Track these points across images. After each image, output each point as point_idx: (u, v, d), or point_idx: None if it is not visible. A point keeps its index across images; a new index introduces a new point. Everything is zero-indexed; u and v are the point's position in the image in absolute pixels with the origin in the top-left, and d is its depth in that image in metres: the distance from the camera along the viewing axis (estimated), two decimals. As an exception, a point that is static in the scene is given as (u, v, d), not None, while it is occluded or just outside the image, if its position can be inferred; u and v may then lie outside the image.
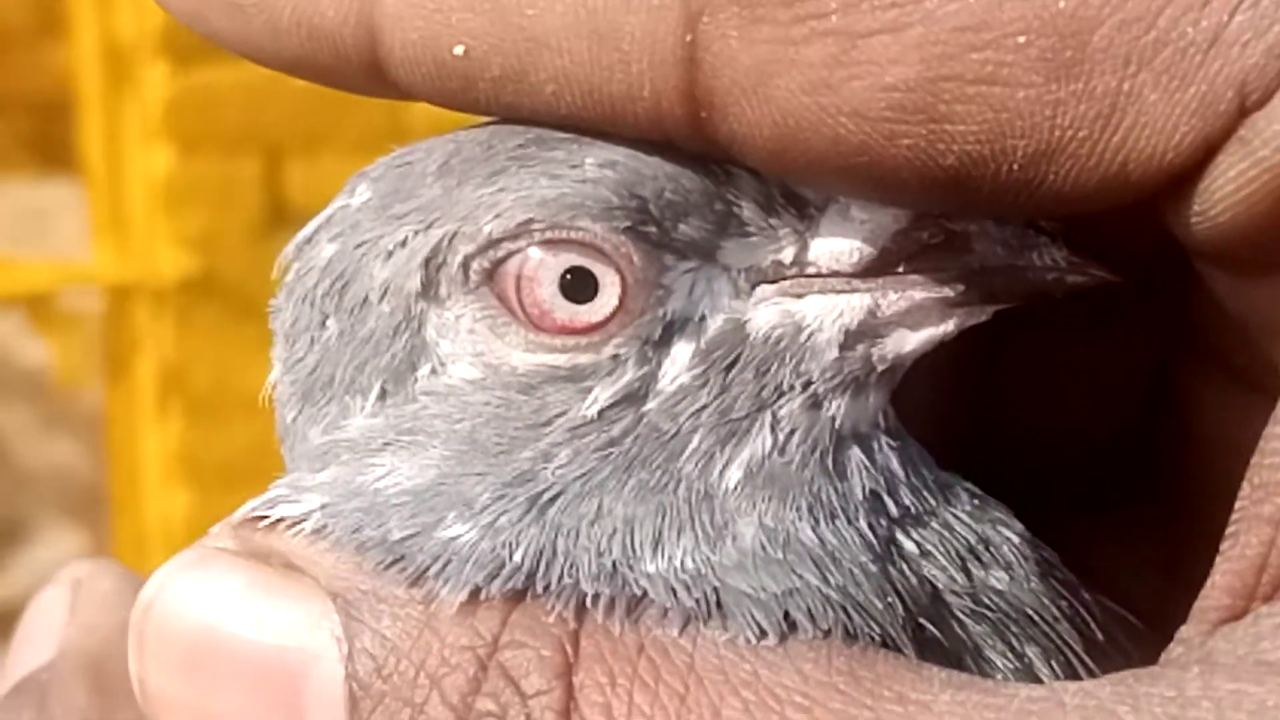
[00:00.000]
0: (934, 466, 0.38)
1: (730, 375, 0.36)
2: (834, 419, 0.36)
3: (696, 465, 0.35)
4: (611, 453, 0.35)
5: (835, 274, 0.36)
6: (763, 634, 0.33)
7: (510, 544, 0.35)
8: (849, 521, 0.36)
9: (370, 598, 0.34)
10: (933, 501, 0.37)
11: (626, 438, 0.35)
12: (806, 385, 0.36)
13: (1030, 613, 0.36)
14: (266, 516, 0.36)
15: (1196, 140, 0.32)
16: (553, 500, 0.35)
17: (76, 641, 0.42)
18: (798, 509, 0.35)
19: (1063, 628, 0.37)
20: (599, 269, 0.35)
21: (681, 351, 0.36)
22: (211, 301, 2.05)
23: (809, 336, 0.36)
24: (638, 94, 0.34)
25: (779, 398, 0.36)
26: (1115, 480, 0.43)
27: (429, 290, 0.36)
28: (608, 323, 0.36)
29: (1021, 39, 0.32)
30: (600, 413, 0.35)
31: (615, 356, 0.35)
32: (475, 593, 0.34)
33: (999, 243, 0.35)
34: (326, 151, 2.04)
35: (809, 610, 0.34)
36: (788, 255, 0.36)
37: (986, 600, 0.36)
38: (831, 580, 0.35)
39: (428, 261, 0.36)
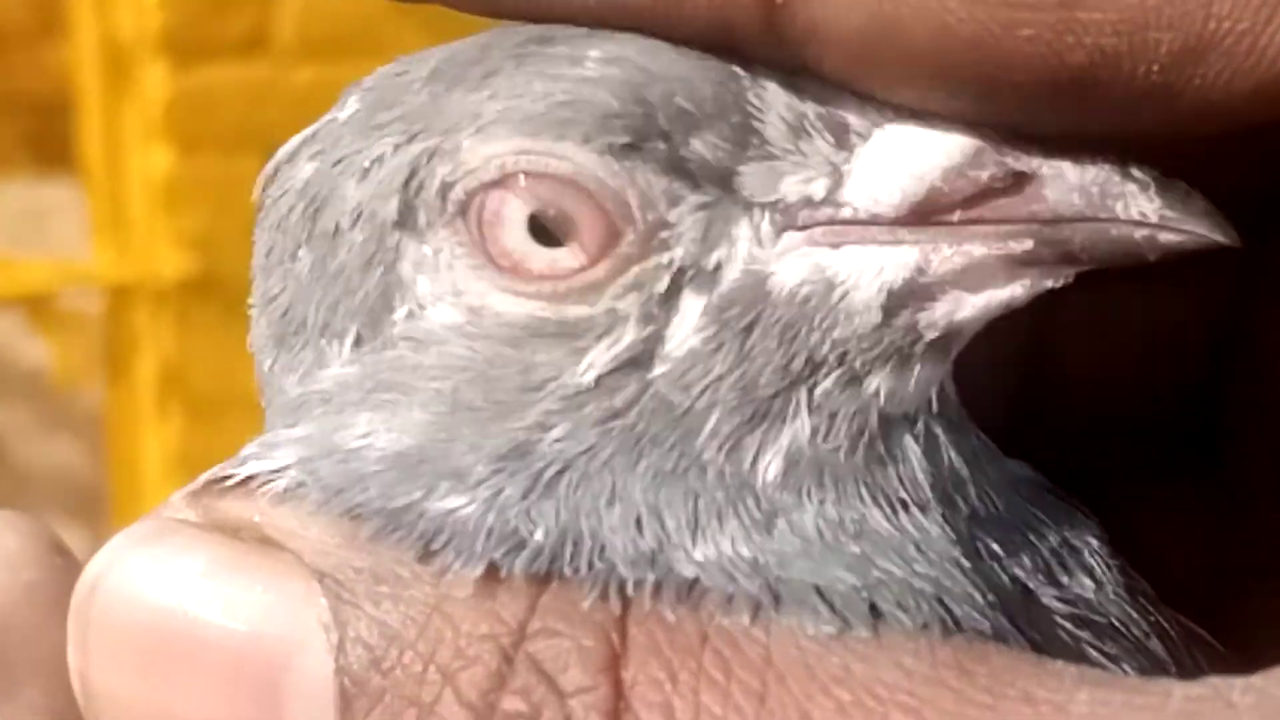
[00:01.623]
0: (999, 457, 0.33)
1: (749, 340, 0.30)
2: (877, 397, 0.30)
3: (722, 451, 0.30)
4: (613, 426, 0.30)
5: (876, 220, 0.30)
6: (847, 625, 0.28)
7: (525, 520, 0.29)
8: (923, 511, 0.31)
9: (365, 577, 0.29)
10: (1002, 501, 0.32)
11: (631, 409, 0.30)
12: (842, 358, 0.30)
13: (1118, 625, 0.32)
14: (232, 476, 0.31)
15: None
16: (559, 475, 0.30)
17: None
18: (861, 498, 0.30)
19: (1154, 644, 0.32)
20: (573, 202, 0.30)
21: (691, 307, 0.30)
22: (211, 301, 2.05)
23: (843, 297, 0.30)
24: None
25: (811, 373, 0.30)
26: (1171, 449, 0.39)
27: (407, 219, 0.31)
28: (595, 265, 0.30)
29: None
30: (598, 379, 0.30)
31: (612, 311, 0.30)
32: (493, 571, 0.29)
33: (1076, 189, 0.29)
34: (326, 151, 2.03)
35: (898, 602, 0.29)
36: (819, 189, 0.30)
37: (1080, 608, 0.31)
38: (920, 570, 0.30)
39: (406, 184, 0.31)
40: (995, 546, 0.31)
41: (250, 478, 0.31)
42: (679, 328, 0.30)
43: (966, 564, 0.30)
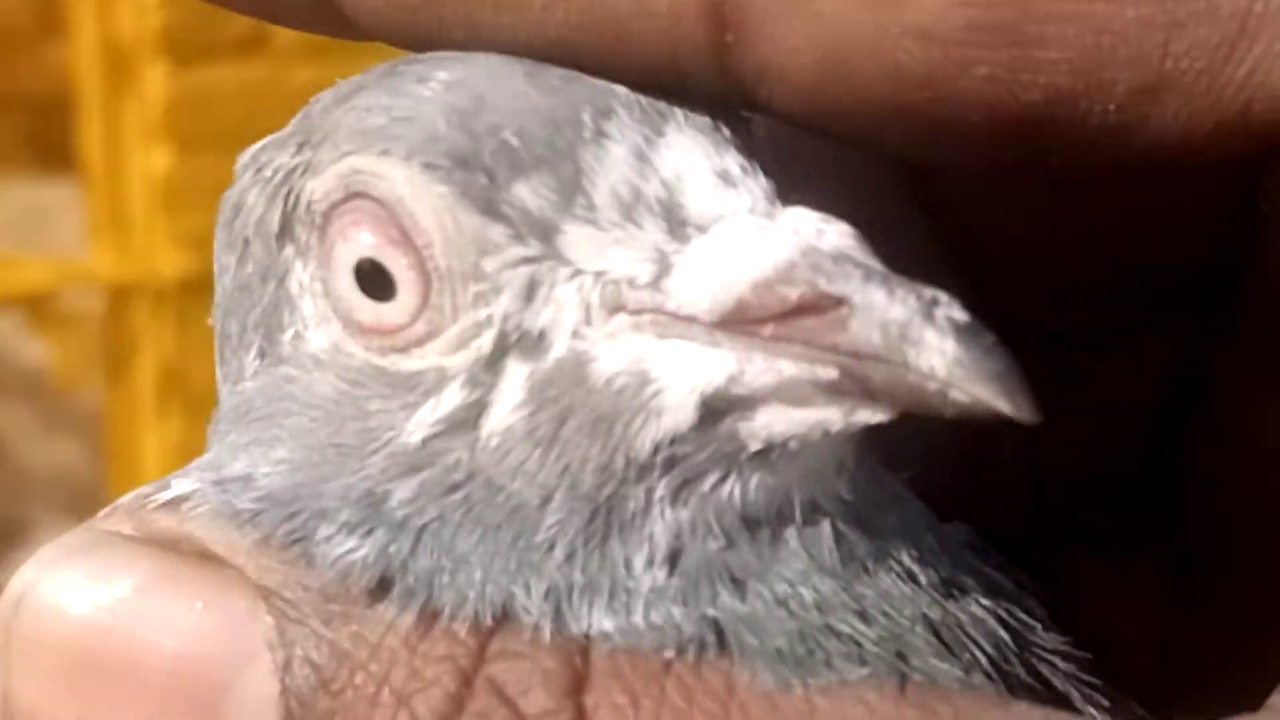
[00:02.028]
0: (937, 525, 0.31)
1: (564, 429, 0.28)
2: (727, 500, 0.29)
3: (585, 552, 0.29)
4: (449, 502, 0.29)
5: (695, 320, 0.28)
6: (794, 671, 0.28)
7: (449, 567, 0.29)
8: (862, 574, 0.29)
9: (314, 595, 0.28)
10: (944, 567, 0.30)
11: (463, 487, 0.29)
12: (669, 463, 0.28)
13: (1055, 689, 0.31)
14: (157, 496, 0.30)
15: None
16: (420, 540, 0.29)
17: None
18: (784, 578, 0.29)
19: (1087, 711, 0.31)
20: (390, 258, 0.29)
21: (515, 377, 0.29)
22: (210, 301, 2.04)
23: (656, 394, 0.28)
24: (651, 7, 0.28)
25: (640, 475, 0.28)
26: (1118, 518, 0.37)
27: (288, 230, 0.31)
28: (413, 323, 0.29)
29: None
30: (424, 441, 0.29)
31: (440, 369, 0.29)
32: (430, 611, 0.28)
33: (878, 326, 0.27)
34: (326, 151, 2.03)
35: (851, 656, 0.28)
36: (643, 273, 0.28)
37: (1017, 668, 0.30)
38: (875, 627, 0.29)
39: (285, 196, 0.31)
40: (938, 610, 0.30)
41: (175, 499, 0.30)
42: (503, 396, 0.29)
43: (921, 617, 0.29)
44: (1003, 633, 0.30)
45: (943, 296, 0.27)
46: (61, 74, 2.25)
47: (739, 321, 0.28)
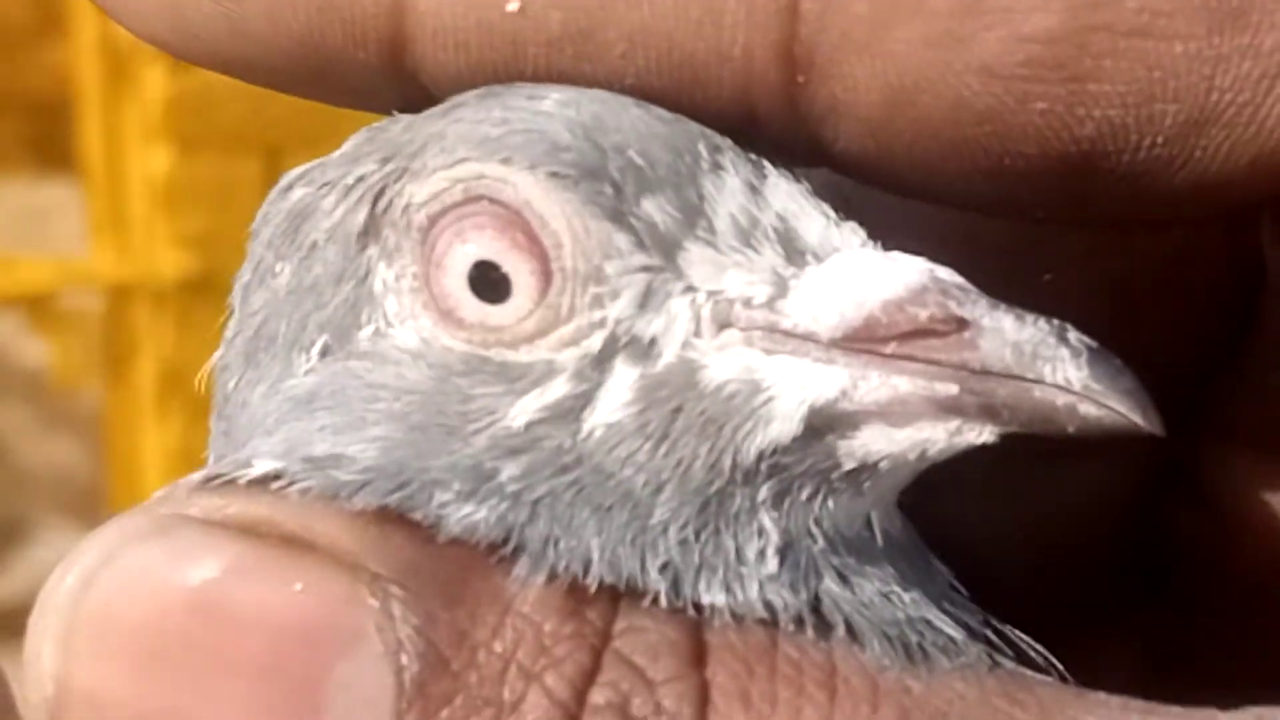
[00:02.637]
0: (949, 599, 0.32)
1: (674, 426, 0.30)
2: (817, 516, 0.31)
3: (700, 539, 0.30)
4: (560, 483, 0.30)
5: (811, 337, 0.30)
6: (895, 656, 0.29)
7: (565, 536, 0.30)
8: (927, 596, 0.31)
9: (423, 576, 0.28)
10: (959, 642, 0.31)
11: (573, 470, 0.30)
12: (772, 470, 0.30)
13: None
14: (223, 475, 0.30)
15: None
16: (536, 510, 0.30)
17: None
18: (881, 579, 0.31)
19: None
20: (512, 262, 0.31)
21: (623, 377, 0.30)
22: (211, 301, 2.04)
23: (766, 402, 0.30)
24: (727, 52, 0.29)
25: (745, 480, 0.30)
26: (1111, 589, 0.39)
27: (374, 233, 0.32)
28: (523, 322, 0.30)
29: None
30: (528, 425, 0.30)
31: (549, 362, 0.30)
32: (555, 578, 0.29)
33: (1010, 345, 0.29)
34: (326, 151, 2.03)
35: (942, 646, 0.30)
36: (760, 294, 0.30)
37: None
38: (953, 632, 0.30)
39: (375, 200, 0.32)
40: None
41: (253, 480, 0.30)
42: (610, 394, 0.30)
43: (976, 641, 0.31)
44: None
45: (1067, 324, 0.29)
46: (61, 74, 2.25)
47: (863, 340, 0.30)
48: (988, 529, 0.36)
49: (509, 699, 0.27)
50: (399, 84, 0.31)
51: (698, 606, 0.29)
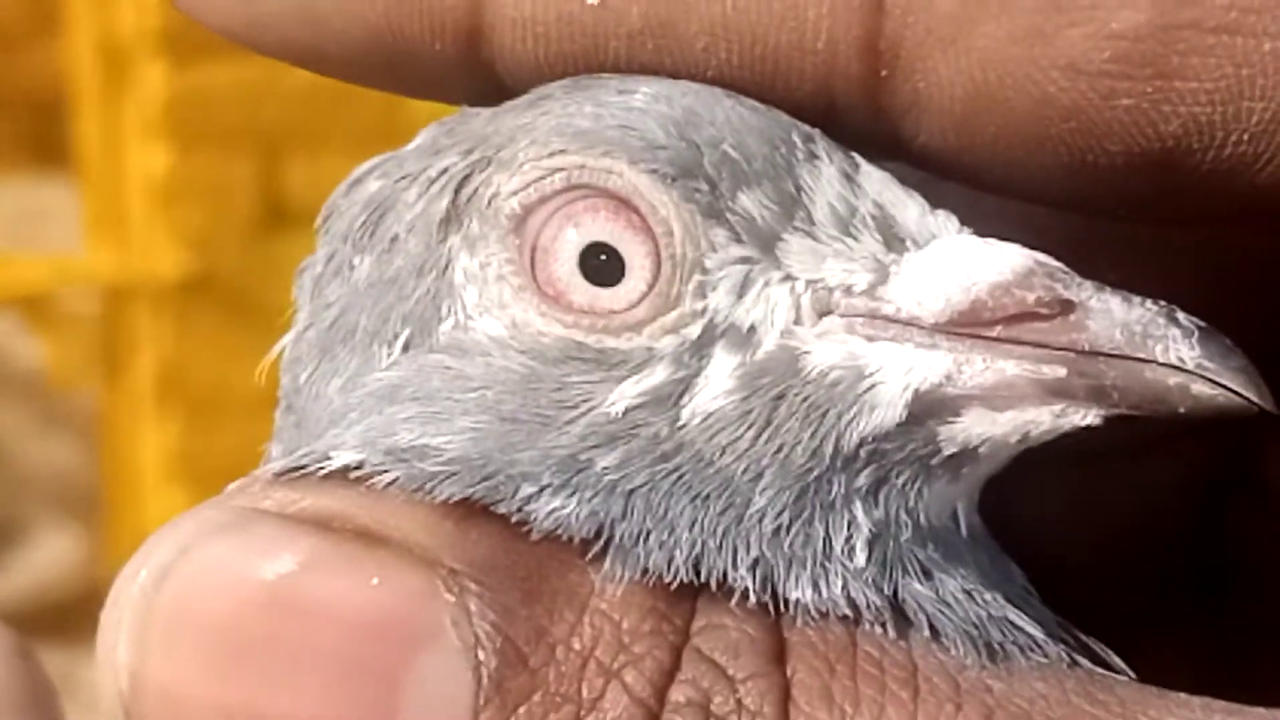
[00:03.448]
0: (1026, 598, 0.32)
1: (776, 412, 0.30)
2: (911, 503, 0.31)
3: (788, 529, 0.30)
4: (660, 470, 0.30)
5: (914, 322, 0.30)
6: (975, 655, 0.29)
7: (657, 529, 0.29)
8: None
9: (499, 572, 0.28)
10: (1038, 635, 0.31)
11: (676, 455, 0.30)
12: (870, 456, 0.30)
13: None
14: (302, 468, 0.30)
15: None
16: (630, 499, 0.30)
17: None
18: (965, 575, 0.31)
19: None
20: (626, 244, 0.31)
21: (723, 364, 0.31)
22: (209, 301, 2.04)
23: (870, 388, 0.30)
24: (810, 46, 0.30)
25: (844, 465, 0.30)
26: (1164, 585, 0.39)
27: (456, 222, 0.32)
28: (634, 308, 0.31)
29: None
30: (626, 411, 0.30)
31: (648, 349, 0.30)
32: (642, 575, 0.29)
33: (1120, 325, 0.29)
34: (325, 150, 2.03)
35: (1022, 646, 0.30)
36: (860, 282, 0.30)
37: None
38: (1033, 631, 0.30)
39: (459, 189, 0.32)
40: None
41: (333, 471, 0.30)
42: (709, 381, 0.30)
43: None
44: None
45: (1174, 306, 0.29)
46: (59, 73, 2.24)
47: (969, 324, 0.30)
48: (1048, 530, 0.35)
49: (588, 696, 0.27)
50: (474, 76, 0.31)
51: (779, 604, 0.29)
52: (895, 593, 0.30)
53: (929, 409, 0.30)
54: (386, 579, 0.27)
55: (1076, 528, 0.37)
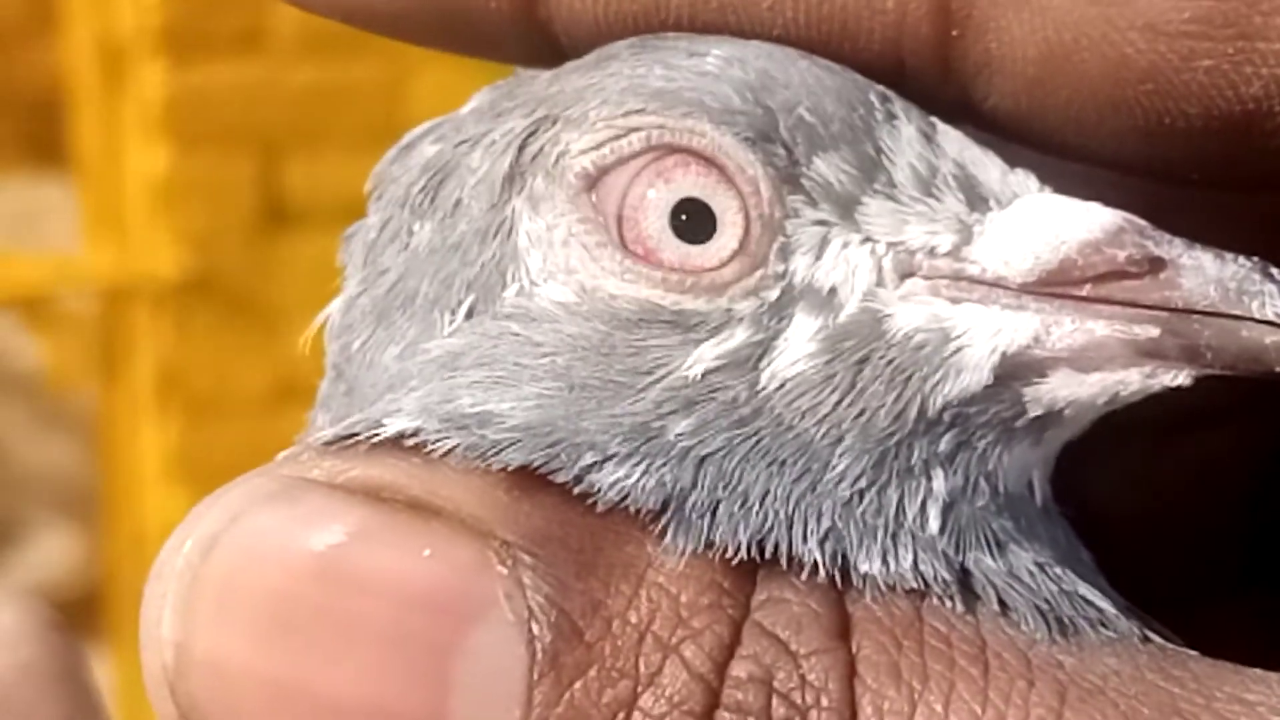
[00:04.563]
0: (1093, 573, 0.32)
1: (860, 375, 0.29)
2: (992, 466, 0.30)
3: (864, 494, 0.29)
4: (737, 435, 0.29)
5: (1001, 283, 0.29)
6: (1045, 630, 0.29)
7: (728, 499, 0.29)
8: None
9: (554, 544, 0.27)
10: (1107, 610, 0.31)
11: (755, 420, 0.29)
12: (954, 420, 0.30)
13: None
14: (355, 435, 0.29)
15: None
16: (702, 467, 0.29)
17: None
18: (1035, 549, 0.30)
19: None
20: (719, 200, 0.30)
21: (803, 327, 0.30)
22: (208, 300, 2.04)
23: (956, 351, 0.29)
24: (880, 4, 0.29)
25: (927, 429, 0.29)
26: (1229, 558, 0.38)
27: (519, 181, 0.31)
28: (723, 267, 0.30)
29: None
30: (704, 374, 0.29)
31: (727, 311, 0.30)
32: (705, 547, 0.28)
33: (1214, 281, 0.28)
34: (324, 149, 2.03)
35: (1093, 621, 0.29)
36: (944, 243, 0.30)
37: None
38: (1114, 602, 0.30)
39: (523, 146, 0.31)
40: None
41: (385, 440, 0.29)
42: (790, 343, 0.30)
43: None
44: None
45: (1267, 261, 0.28)
46: (58, 72, 2.24)
47: (1057, 284, 0.29)
48: (1106, 504, 0.35)
49: (645, 671, 0.26)
50: (529, 35, 0.30)
51: (844, 578, 0.28)
52: (964, 567, 0.29)
53: (1015, 371, 0.29)
54: (438, 551, 0.26)
55: (1130, 501, 0.36)
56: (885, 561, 0.29)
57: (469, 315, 0.31)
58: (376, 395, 0.31)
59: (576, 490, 0.28)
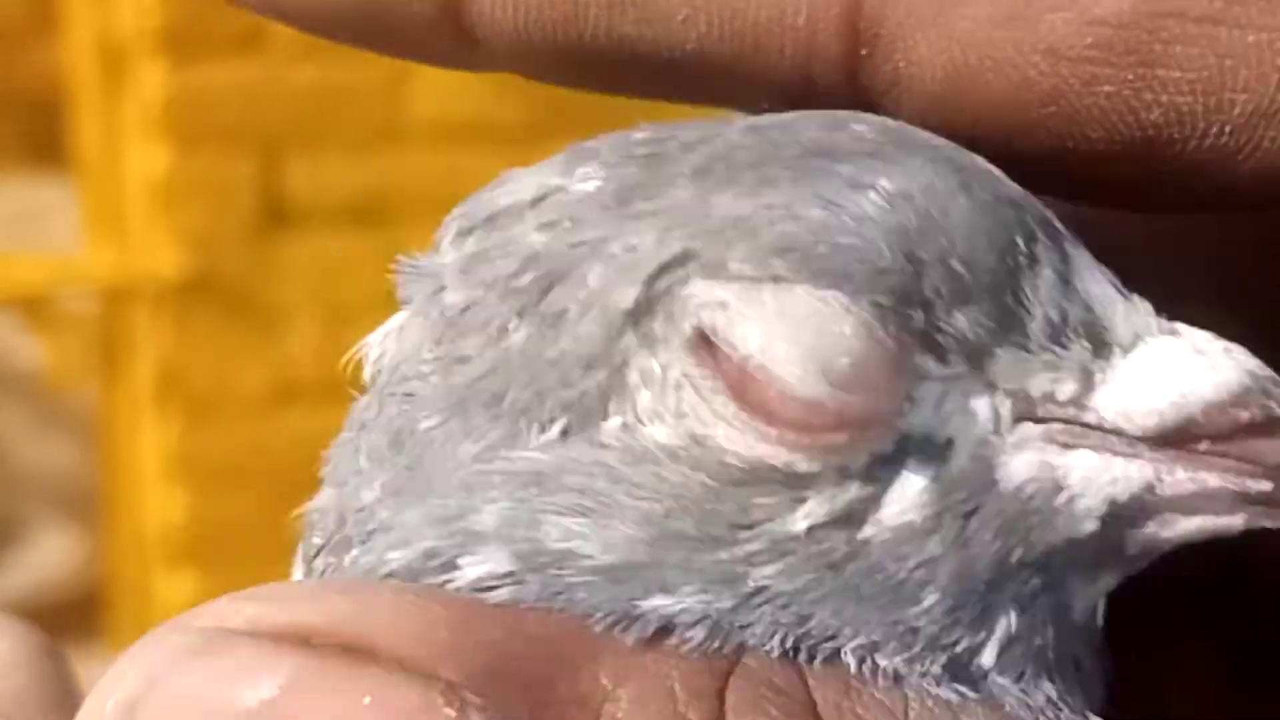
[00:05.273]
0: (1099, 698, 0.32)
1: (968, 527, 0.29)
2: (1070, 603, 0.30)
3: (936, 629, 0.29)
4: (825, 576, 0.29)
5: (1118, 431, 0.29)
6: None
7: (773, 618, 0.28)
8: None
9: (504, 681, 0.25)
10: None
11: (846, 566, 0.29)
12: (1049, 561, 0.29)
13: None
14: (452, 564, 0.28)
15: None
16: (762, 593, 0.29)
17: None
18: (1070, 690, 0.30)
19: None
20: (851, 370, 0.28)
21: (913, 480, 0.29)
22: (208, 301, 2.04)
23: (1067, 501, 0.29)
24: (790, 22, 0.29)
25: (1022, 571, 0.29)
26: (1192, 586, 0.37)
27: (642, 318, 0.29)
28: (843, 429, 0.29)
29: None
30: (810, 529, 0.29)
31: (842, 468, 0.29)
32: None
33: None
34: (324, 149, 2.03)
35: None
36: (1066, 391, 0.29)
37: None
38: None
39: (652, 280, 0.29)
40: None
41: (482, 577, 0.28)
42: (898, 495, 0.29)
43: None
44: None
45: None
46: (58, 72, 2.24)
47: (1178, 440, 0.29)
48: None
49: None
50: (454, 38, 0.30)
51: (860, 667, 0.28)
52: (988, 684, 0.29)
53: (1123, 517, 0.29)
54: (379, 698, 0.24)
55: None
56: (910, 663, 0.29)
57: (563, 434, 0.29)
58: (448, 490, 0.30)
59: (524, 612, 0.27)
